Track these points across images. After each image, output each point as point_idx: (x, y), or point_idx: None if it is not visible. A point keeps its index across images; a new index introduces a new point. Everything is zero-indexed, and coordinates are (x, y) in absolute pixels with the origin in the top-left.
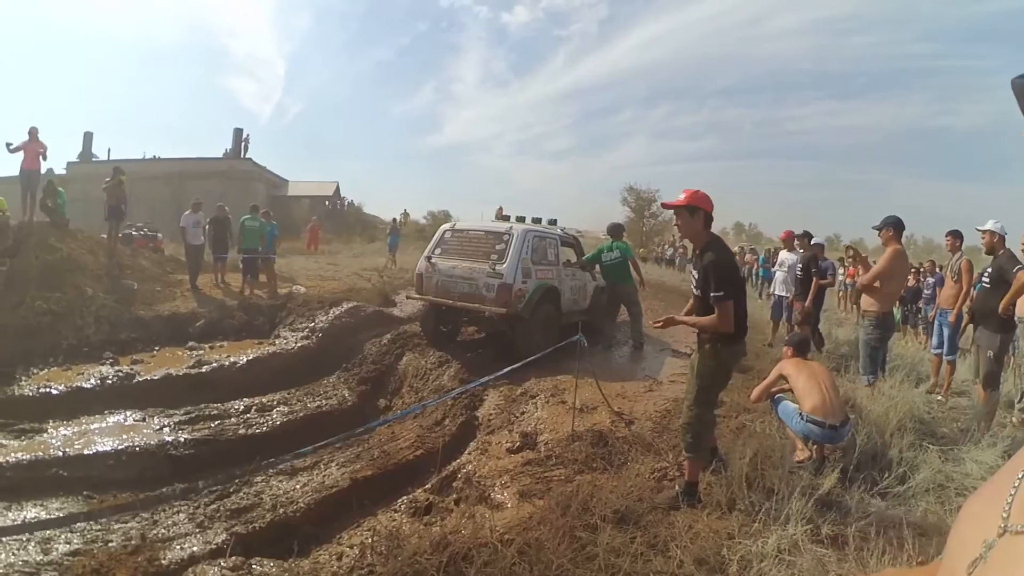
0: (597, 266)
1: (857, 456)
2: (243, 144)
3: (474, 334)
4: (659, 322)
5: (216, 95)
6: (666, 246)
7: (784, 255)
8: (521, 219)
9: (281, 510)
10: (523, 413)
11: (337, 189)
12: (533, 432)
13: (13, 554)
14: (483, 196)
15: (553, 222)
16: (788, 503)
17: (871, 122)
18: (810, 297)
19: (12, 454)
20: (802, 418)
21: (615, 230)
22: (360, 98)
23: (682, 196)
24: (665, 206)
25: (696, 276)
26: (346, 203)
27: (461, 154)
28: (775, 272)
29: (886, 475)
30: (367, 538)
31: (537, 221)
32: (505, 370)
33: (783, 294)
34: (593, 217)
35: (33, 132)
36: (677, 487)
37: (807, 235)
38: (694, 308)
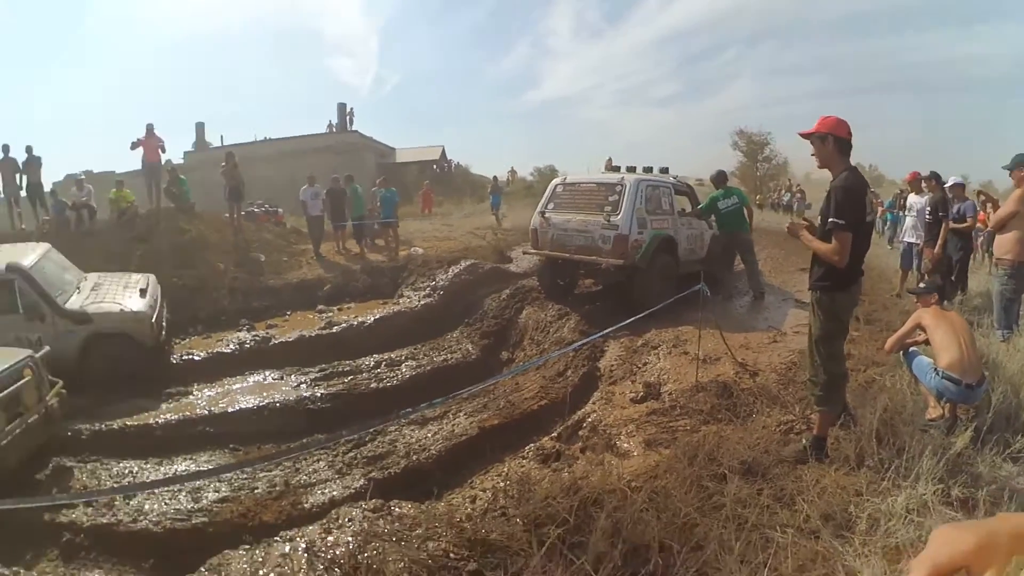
0: (712, 215)
1: (991, 417)
2: (348, 117)
3: (591, 286)
4: (789, 227)
5: (316, 75)
6: (782, 191)
7: (912, 199)
8: (632, 169)
9: (414, 457)
10: (645, 364)
11: (443, 153)
12: (656, 382)
13: (166, 503)
14: (588, 149)
15: (664, 171)
16: (919, 462)
17: (1001, 51)
18: (939, 243)
19: (162, 415)
20: (937, 374)
21: (719, 177)
22: (456, 63)
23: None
24: (802, 135)
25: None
26: (453, 165)
27: (562, 108)
28: (903, 217)
29: (1020, 438)
30: (498, 482)
31: (648, 170)
32: (628, 321)
33: (912, 240)
34: (703, 165)
35: (150, 128)
36: (804, 440)
37: (934, 176)
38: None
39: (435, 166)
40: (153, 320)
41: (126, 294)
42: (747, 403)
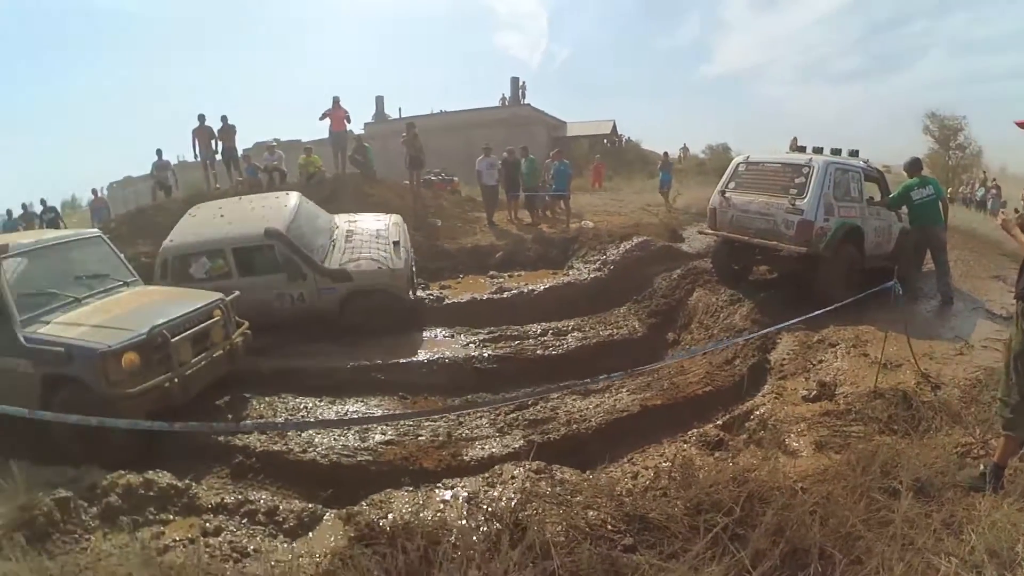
0: (903, 206)
1: None
2: (520, 91)
3: (766, 273)
4: (1003, 222)
5: (489, 51)
6: (976, 184)
7: None
8: (819, 151)
9: (574, 426)
10: (820, 361)
11: (614, 127)
12: (832, 383)
13: (335, 439)
14: (765, 127)
15: (854, 154)
16: None
17: None
18: None
19: (339, 360)
20: None
21: (914, 165)
22: (626, 35)
23: None
24: (1019, 125)
25: None
26: (624, 140)
27: (737, 84)
28: None
29: None
30: (660, 463)
31: (836, 152)
32: (811, 314)
33: None
34: (889, 150)
35: (336, 100)
36: (982, 466)
37: None
38: None
39: (606, 140)
40: (409, 275)
41: (381, 247)
42: (926, 418)
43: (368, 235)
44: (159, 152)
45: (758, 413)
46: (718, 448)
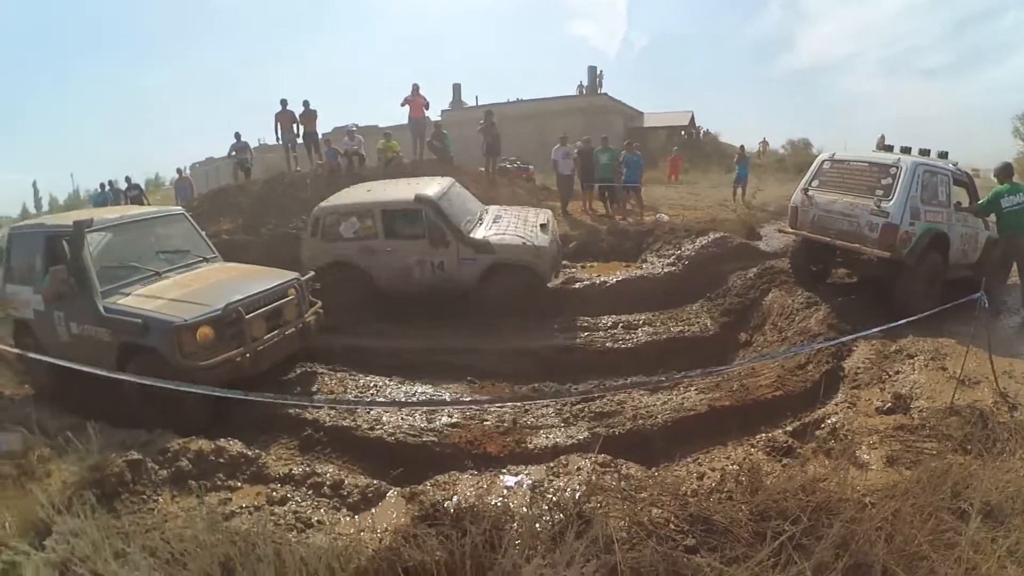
0: (992, 214)
1: None
2: (597, 80)
3: (845, 276)
4: None
5: (564, 41)
6: None
7: None
8: (907, 151)
9: (640, 421)
10: (897, 373)
11: (692, 119)
12: (907, 395)
13: (402, 419)
14: (848, 123)
15: (943, 155)
16: None
17: None
18: None
19: (410, 341)
20: None
21: (1005, 170)
22: (705, 24)
23: None
24: None
25: None
26: (702, 132)
27: (819, 76)
28: None
29: None
30: (726, 465)
31: (925, 153)
32: (894, 324)
33: None
34: (979, 152)
35: (415, 88)
36: None
37: None
38: None
39: (683, 132)
40: (553, 255)
41: (527, 228)
42: (1002, 439)
43: (516, 218)
44: (237, 135)
45: (830, 422)
46: (787, 455)
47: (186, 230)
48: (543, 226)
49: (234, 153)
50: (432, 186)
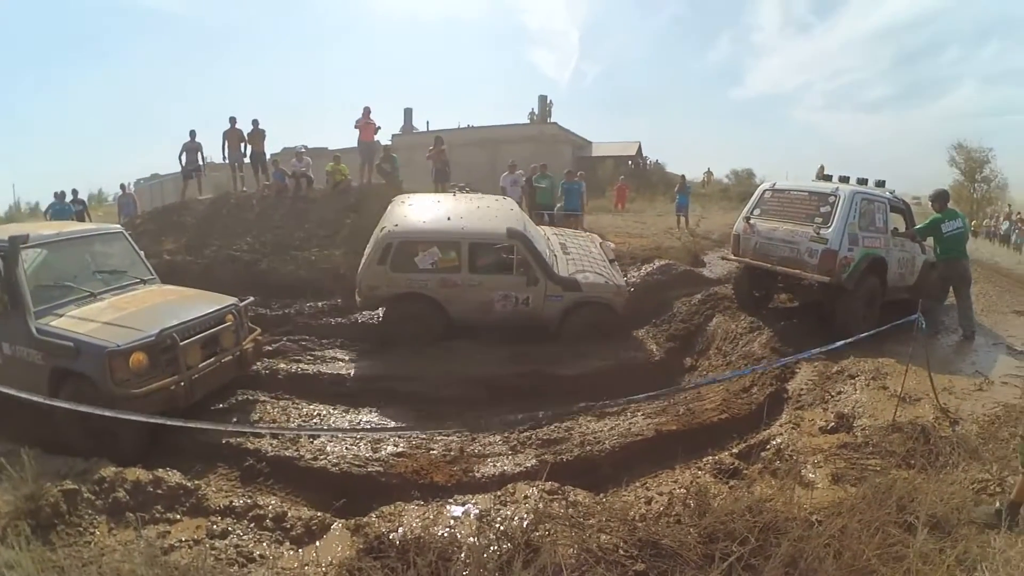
0: (929, 238)
1: None
2: (548, 109)
3: (787, 302)
4: None
5: (519, 67)
6: (1000, 218)
7: None
8: (845, 180)
9: (588, 447)
10: (839, 393)
11: (639, 149)
12: (850, 415)
13: (346, 448)
14: (791, 153)
15: (881, 184)
16: None
17: None
18: None
19: (354, 368)
20: None
21: (941, 198)
22: (656, 56)
23: None
24: None
25: None
26: (649, 162)
27: (765, 109)
28: None
29: None
30: (674, 488)
31: (863, 182)
32: (835, 345)
33: None
34: (916, 180)
35: (366, 111)
36: (998, 503)
37: None
38: None
39: (631, 162)
40: (627, 292)
41: (599, 263)
42: (944, 452)
43: (583, 249)
44: (192, 133)
45: (775, 443)
46: (733, 477)
47: (124, 249)
48: (612, 262)
49: (184, 155)
50: (512, 214)
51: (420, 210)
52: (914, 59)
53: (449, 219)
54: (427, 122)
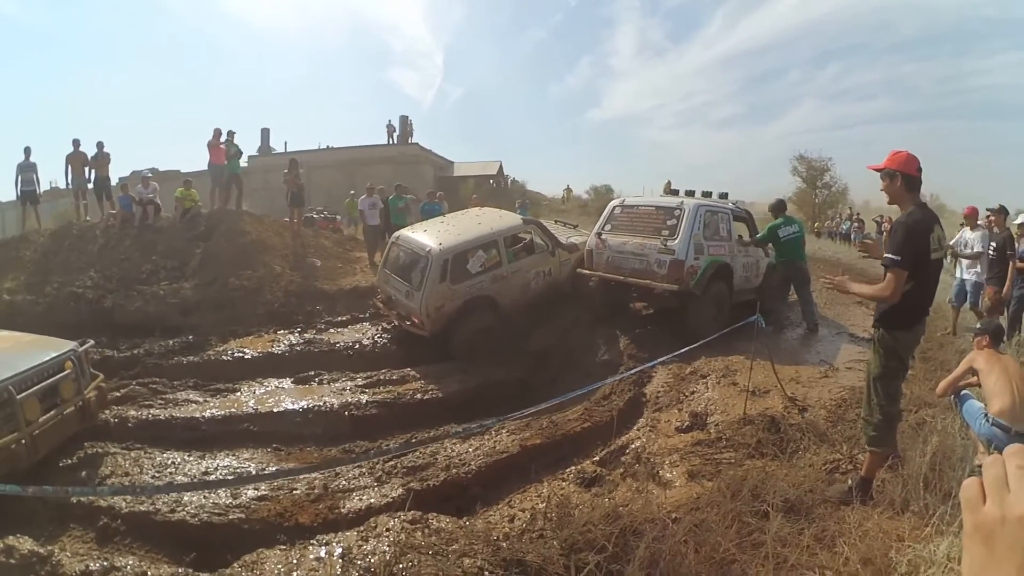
0: (770, 243)
1: None
2: (408, 129)
3: (642, 310)
4: (829, 280)
5: (381, 87)
6: (841, 219)
7: (967, 234)
8: (691, 193)
9: (454, 471)
10: (693, 392)
11: (500, 168)
12: (703, 412)
13: (204, 497)
14: (647, 170)
15: (724, 196)
16: None
17: None
18: (1008, 283)
19: (208, 410)
20: (987, 420)
21: (779, 206)
22: (519, 78)
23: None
24: (871, 169)
25: None
26: (510, 181)
27: (623, 128)
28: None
29: None
30: (537, 503)
31: (707, 195)
32: (682, 351)
33: (967, 277)
34: (764, 190)
35: (217, 132)
36: (850, 481)
37: (1003, 211)
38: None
39: (492, 181)
40: None
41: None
42: (794, 439)
43: (566, 229)
44: (27, 151)
45: (633, 447)
46: (595, 484)
47: None
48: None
49: (19, 176)
50: (511, 215)
51: (446, 228)
52: (760, 81)
53: (480, 224)
54: (285, 143)
